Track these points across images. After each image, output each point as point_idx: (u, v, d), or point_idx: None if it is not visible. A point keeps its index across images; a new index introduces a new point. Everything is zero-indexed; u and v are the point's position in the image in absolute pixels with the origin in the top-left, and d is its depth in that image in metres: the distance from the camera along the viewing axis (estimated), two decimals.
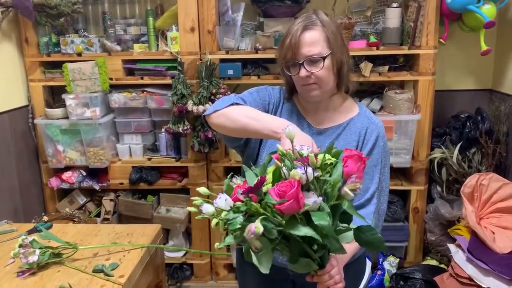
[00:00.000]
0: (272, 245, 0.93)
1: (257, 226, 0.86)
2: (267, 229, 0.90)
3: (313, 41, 1.25)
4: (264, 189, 0.93)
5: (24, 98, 2.59)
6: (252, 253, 0.92)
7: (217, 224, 0.96)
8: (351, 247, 1.11)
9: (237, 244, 0.98)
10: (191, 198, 1.02)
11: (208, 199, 1.00)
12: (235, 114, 1.27)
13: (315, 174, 0.93)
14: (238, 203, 0.94)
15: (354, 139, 1.34)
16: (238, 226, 0.92)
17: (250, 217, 0.92)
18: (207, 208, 0.95)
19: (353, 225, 1.00)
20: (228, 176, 1.04)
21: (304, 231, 0.89)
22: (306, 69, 1.25)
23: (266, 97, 1.41)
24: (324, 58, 1.25)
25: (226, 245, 0.97)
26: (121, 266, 1.37)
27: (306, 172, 0.91)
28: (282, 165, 0.95)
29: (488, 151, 2.46)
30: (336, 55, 1.28)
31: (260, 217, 0.89)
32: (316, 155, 0.96)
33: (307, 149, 0.96)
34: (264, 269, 0.92)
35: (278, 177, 0.95)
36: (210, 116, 1.32)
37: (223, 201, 0.94)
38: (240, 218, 0.92)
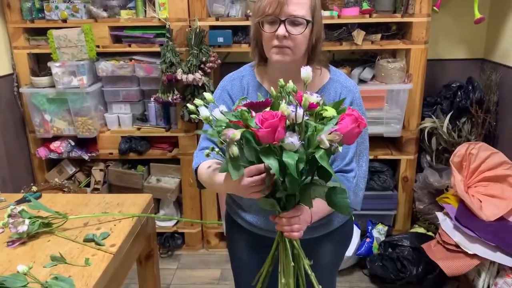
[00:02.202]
0: (247, 164, 0.99)
1: (234, 133, 0.92)
2: (247, 146, 0.96)
3: (300, 2, 1.18)
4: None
5: (9, 66, 2.52)
6: (227, 159, 0.97)
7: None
8: (324, 207, 1.11)
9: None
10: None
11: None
12: (204, 180, 1.24)
13: (305, 118, 0.94)
14: (235, 112, 0.99)
15: None
16: (223, 125, 0.97)
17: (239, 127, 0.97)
18: (203, 112, 1.01)
19: (330, 184, 1.02)
20: None
21: (269, 161, 0.92)
22: (286, 29, 1.18)
23: (228, 104, 1.32)
24: (307, 23, 1.19)
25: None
26: (112, 235, 1.37)
27: (296, 111, 0.92)
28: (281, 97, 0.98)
29: (478, 121, 2.47)
30: (316, 27, 1.23)
31: (243, 130, 0.94)
32: (318, 104, 0.97)
33: (317, 97, 0.96)
34: (234, 176, 0.96)
35: (276, 108, 0.97)
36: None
37: (218, 112, 1.01)
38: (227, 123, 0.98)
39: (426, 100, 2.59)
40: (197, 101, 1.04)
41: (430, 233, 2.50)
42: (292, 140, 0.90)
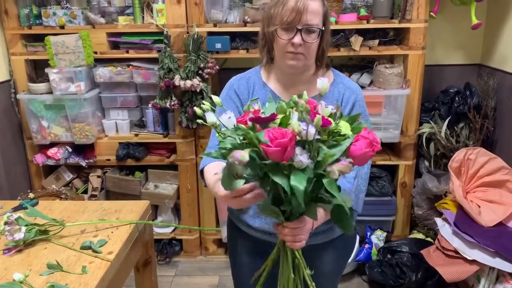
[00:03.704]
0: (249, 177, 0.96)
1: (243, 155, 0.87)
2: (252, 162, 0.91)
3: (315, 12, 1.24)
4: (271, 125, 0.94)
5: (6, 72, 2.52)
6: (225, 173, 0.94)
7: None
8: (326, 213, 1.11)
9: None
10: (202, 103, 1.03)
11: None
12: (208, 184, 1.24)
13: (316, 137, 0.90)
14: (241, 125, 0.94)
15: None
16: (229, 146, 0.93)
17: (245, 145, 0.93)
18: (210, 117, 0.97)
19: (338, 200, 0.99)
20: None
21: (278, 180, 0.89)
22: (302, 37, 1.23)
23: (235, 102, 1.38)
24: (321, 31, 1.25)
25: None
26: (109, 242, 1.36)
27: (307, 129, 0.89)
28: (291, 111, 0.95)
29: (476, 126, 2.48)
30: (326, 34, 1.30)
31: (250, 149, 0.90)
32: (334, 117, 0.95)
33: (332, 109, 0.95)
34: (227, 188, 0.96)
35: (286, 122, 0.94)
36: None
37: (227, 118, 0.96)
38: (234, 141, 0.93)
39: (424, 106, 2.59)
40: (205, 104, 1.02)
41: (429, 239, 2.49)
42: (302, 159, 0.88)
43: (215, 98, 1.06)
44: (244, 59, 2.44)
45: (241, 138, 0.93)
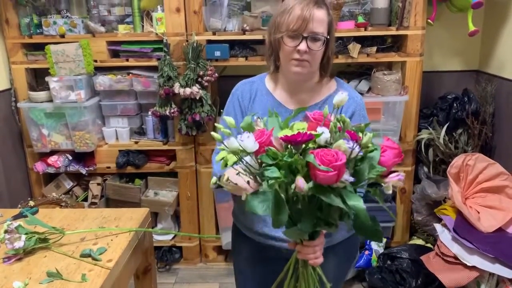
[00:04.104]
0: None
1: (305, 183, 0.84)
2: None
3: (320, 20, 1.26)
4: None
5: (7, 81, 2.53)
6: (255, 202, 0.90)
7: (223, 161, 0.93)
8: None
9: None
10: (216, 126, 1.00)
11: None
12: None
13: (360, 154, 0.90)
14: (274, 151, 0.89)
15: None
16: (276, 175, 0.87)
17: (269, 166, 0.88)
18: (232, 143, 0.89)
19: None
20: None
21: (332, 202, 0.87)
22: (307, 44, 1.26)
23: (237, 108, 1.41)
24: (326, 39, 1.28)
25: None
26: (109, 250, 1.36)
27: (353, 148, 0.88)
28: (327, 130, 0.92)
29: (475, 132, 2.49)
30: (331, 42, 1.32)
31: (302, 174, 0.86)
32: (359, 133, 0.94)
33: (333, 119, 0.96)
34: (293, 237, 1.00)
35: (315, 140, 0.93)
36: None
37: (252, 141, 0.88)
38: (273, 168, 0.88)
39: (422, 112, 2.60)
40: (218, 125, 0.99)
41: (429, 245, 2.49)
42: (346, 177, 0.87)
43: (228, 120, 1.04)
44: (243, 66, 2.46)
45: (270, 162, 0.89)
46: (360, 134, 0.94)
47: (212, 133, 1.02)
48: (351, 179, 0.88)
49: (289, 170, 0.89)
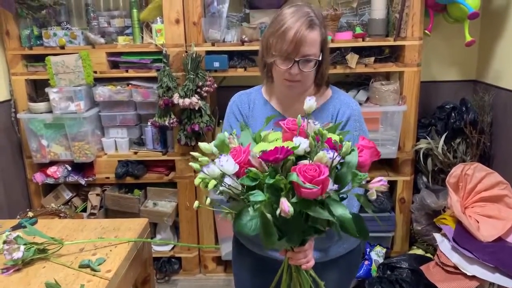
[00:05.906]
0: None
1: (289, 205, 0.82)
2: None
3: (312, 42, 1.24)
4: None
5: (7, 92, 2.54)
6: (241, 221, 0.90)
7: (202, 183, 0.93)
8: None
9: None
10: (194, 153, 1.01)
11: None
12: None
13: (339, 161, 0.90)
14: (254, 171, 0.88)
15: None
16: (261, 199, 0.86)
17: (252, 189, 0.88)
18: (213, 170, 0.86)
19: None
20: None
21: (318, 215, 0.86)
22: (299, 67, 1.25)
23: (238, 114, 1.43)
24: (318, 62, 1.27)
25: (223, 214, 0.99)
26: (108, 261, 1.36)
27: (333, 158, 0.87)
28: (304, 140, 0.91)
29: (473, 141, 2.49)
30: (325, 60, 1.31)
31: (284, 193, 0.85)
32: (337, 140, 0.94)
33: (316, 123, 0.97)
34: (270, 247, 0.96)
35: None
36: None
37: (231, 164, 0.86)
38: (257, 191, 0.87)
39: (421, 122, 2.61)
40: (196, 154, 0.99)
41: (428, 255, 2.49)
42: (331, 187, 0.87)
43: (202, 146, 1.06)
44: (242, 77, 2.48)
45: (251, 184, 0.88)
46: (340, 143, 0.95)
47: (191, 163, 1.02)
48: (335, 187, 0.88)
49: (273, 188, 0.88)
